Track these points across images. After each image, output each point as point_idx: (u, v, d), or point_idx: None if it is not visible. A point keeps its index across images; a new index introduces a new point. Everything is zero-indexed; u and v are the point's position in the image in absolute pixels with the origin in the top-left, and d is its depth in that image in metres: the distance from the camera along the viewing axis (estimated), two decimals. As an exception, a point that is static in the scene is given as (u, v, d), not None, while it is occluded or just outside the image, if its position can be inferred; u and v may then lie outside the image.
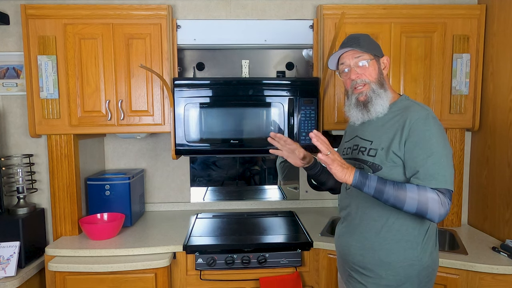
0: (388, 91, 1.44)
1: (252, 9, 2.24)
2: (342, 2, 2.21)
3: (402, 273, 1.35)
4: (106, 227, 2.03)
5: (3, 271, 1.82)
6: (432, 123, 1.31)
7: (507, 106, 1.98)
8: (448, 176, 1.28)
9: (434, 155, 1.28)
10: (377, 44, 1.48)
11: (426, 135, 1.29)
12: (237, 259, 1.92)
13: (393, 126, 1.37)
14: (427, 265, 1.36)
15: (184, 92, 2.06)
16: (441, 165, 1.27)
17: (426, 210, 1.25)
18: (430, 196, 1.24)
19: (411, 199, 1.25)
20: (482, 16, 2.11)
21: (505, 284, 1.72)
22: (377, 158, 1.37)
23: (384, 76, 1.46)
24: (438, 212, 1.25)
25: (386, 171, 1.35)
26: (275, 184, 2.67)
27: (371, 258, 1.39)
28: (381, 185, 1.27)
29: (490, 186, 2.11)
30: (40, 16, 2.00)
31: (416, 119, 1.32)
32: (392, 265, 1.35)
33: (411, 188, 1.26)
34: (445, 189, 1.27)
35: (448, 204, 1.26)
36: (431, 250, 1.38)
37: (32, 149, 2.22)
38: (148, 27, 2.05)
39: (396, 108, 1.42)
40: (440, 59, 2.13)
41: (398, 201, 1.26)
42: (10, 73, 2.18)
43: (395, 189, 1.26)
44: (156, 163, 2.55)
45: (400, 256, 1.35)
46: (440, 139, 1.30)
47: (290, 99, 2.08)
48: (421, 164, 1.29)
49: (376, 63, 1.44)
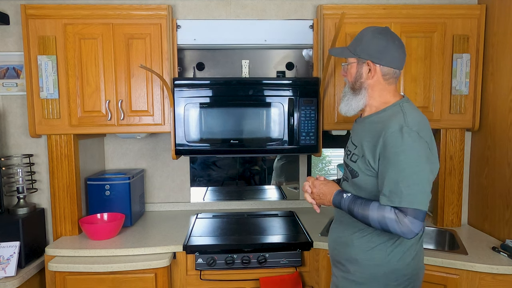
0: (360, 97, 1.41)
1: (252, 9, 2.24)
2: (342, 2, 2.21)
3: (368, 271, 1.38)
4: (106, 227, 2.03)
5: (3, 271, 1.82)
6: (406, 138, 1.25)
7: (507, 106, 1.98)
8: (415, 195, 1.23)
9: (400, 173, 1.24)
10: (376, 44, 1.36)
11: (396, 151, 1.25)
12: (237, 259, 1.92)
13: (374, 136, 1.34)
14: (395, 269, 1.35)
15: (184, 92, 2.06)
16: (406, 183, 1.23)
17: (388, 228, 1.26)
18: (386, 216, 1.25)
19: (372, 219, 1.28)
20: (482, 16, 2.11)
21: (505, 284, 1.72)
22: (356, 165, 1.40)
23: (366, 81, 1.40)
24: (399, 231, 1.24)
25: (362, 179, 1.38)
26: (275, 184, 2.67)
27: (343, 253, 1.45)
28: (351, 206, 1.35)
29: (490, 186, 2.11)
30: (40, 16, 2.00)
31: (390, 133, 1.27)
32: (360, 262, 1.39)
33: (373, 207, 1.28)
34: (408, 208, 1.23)
35: (411, 223, 1.22)
36: (403, 255, 1.36)
37: (32, 149, 2.21)
38: (148, 27, 2.05)
39: (383, 115, 1.38)
40: (440, 59, 2.12)
41: (365, 220, 1.31)
42: (10, 73, 2.18)
43: (361, 209, 1.31)
44: (156, 163, 2.55)
45: (368, 254, 1.38)
46: (412, 155, 1.24)
47: (290, 99, 2.08)
48: (387, 181, 1.27)
49: (357, 66, 1.41)
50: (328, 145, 2.36)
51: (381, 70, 1.38)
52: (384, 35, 1.37)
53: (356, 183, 1.41)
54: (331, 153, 2.78)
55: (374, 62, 1.37)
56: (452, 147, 2.22)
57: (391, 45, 1.36)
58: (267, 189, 2.67)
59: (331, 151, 2.76)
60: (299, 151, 2.13)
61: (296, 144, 2.10)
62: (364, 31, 1.41)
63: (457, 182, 2.24)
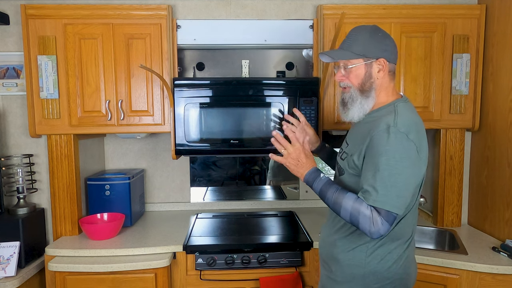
0: (371, 98, 1.37)
1: (252, 9, 2.24)
2: (342, 2, 2.21)
3: (348, 271, 1.37)
4: (106, 227, 2.03)
5: (3, 271, 1.82)
6: (391, 138, 1.22)
7: (507, 106, 1.98)
8: (390, 196, 1.21)
9: (379, 173, 1.22)
10: (380, 41, 1.35)
11: (379, 150, 1.23)
12: (237, 259, 1.92)
13: (364, 134, 1.32)
14: (375, 271, 1.33)
15: (184, 92, 2.06)
16: (383, 184, 1.21)
17: (357, 223, 1.24)
18: (362, 210, 1.22)
19: (345, 208, 1.26)
20: (482, 16, 2.11)
21: (505, 284, 1.72)
22: (343, 163, 1.40)
23: (379, 80, 1.36)
24: (368, 229, 1.22)
25: (346, 177, 1.38)
26: (270, 184, 2.67)
27: (327, 252, 1.46)
28: (325, 187, 1.32)
29: (490, 186, 2.11)
30: (40, 16, 2.00)
31: (377, 132, 1.26)
32: (340, 262, 1.39)
33: (350, 197, 1.26)
34: (382, 209, 1.21)
35: (382, 225, 1.20)
36: (383, 258, 1.33)
37: (32, 149, 2.21)
38: (148, 27, 2.05)
39: (378, 113, 1.36)
40: (440, 59, 2.13)
41: (335, 207, 1.29)
42: (10, 73, 2.18)
43: (336, 195, 1.29)
44: (156, 163, 2.55)
45: (348, 255, 1.37)
46: (393, 157, 1.21)
47: (290, 99, 2.08)
48: (365, 178, 1.26)
49: (365, 66, 1.35)
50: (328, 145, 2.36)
51: (389, 67, 1.36)
52: (380, 31, 1.36)
53: (341, 180, 1.41)
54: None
55: (386, 59, 1.34)
56: (452, 147, 2.22)
57: (389, 41, 1.36)
58: (267, 189, 2.67)
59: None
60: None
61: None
62: (356, 31, 1.37)
63: (457, 182, 2.24)
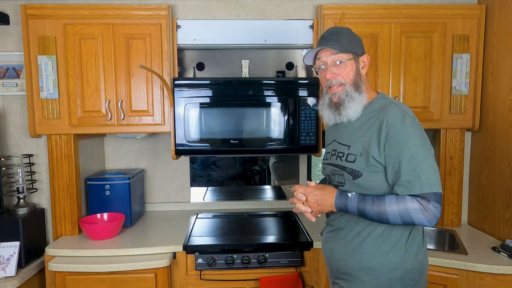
0: (364, 94, 1.37)
1: (252, 9, 2.24)
2: (342, 2, 2.21)
3: (384, 277, 1.30)
4: (106, 227, 2.03)
5: (3, 271, 1.82)
6: (409, 124, 1.26)
7: (507, 106, 1.98)
8: (432, 178, 1.22)
9: (413, 159, 1.22)
10: (359, 40, 1.41)
11: (404, 138, 1.24)
12: (237, 259, 1.92)
13: (370, 129, 1.31)
14: (411, 269, 1.30)
15: (184, 92, 2.06)
16: (422, 168, 1.22)
17: (411, 220, 1.22)
18: (410, 206, 1.21)
19: (392, 213, 1.23)
20: (482, 16, 2.11)
21: (505, 284, 1.72)
22: (356, 164, 1.33)
23: (362, 76, 1.39)
24: (425, 219, 1.21)
25: (366, 177, 1.31)
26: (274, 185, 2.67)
27: (353, 263, 1.35)
28: (361, 205, 1.27)
29: (490, 186, 2.11)
30: (40, 16, 2.00)
31: (393, 121, 1.26)
32: (374, 269, 1.31)
33: (390, 201, 1.23)
34: (430, 193, 1.21)
35: (435, 208, 1.21)
36: (416, 252, 1.32)
37: (32, 149, 2.21)
38: (148, 27, 2.05)
39: (372, 109, 1.36)
40: (440, 59, 2.12)
41: (382, 217, 1.25)
42: (10, 73, 2.18)
43: (375, 206, 1.25)
44: (156, 163, 2.55)
45: (383, 260, 1.30)
46: (419, 140, 1.25)
47: (290, 99, 2.08)
48: (401, 169, 1.24)
49: (355, 62, 1.37)
50: (328, 145, 2.37)
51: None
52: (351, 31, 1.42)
53: (359, 184, 1.33)
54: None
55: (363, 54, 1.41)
56: (452, 147, 2.22)
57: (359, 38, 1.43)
58: (267, 189, 2.67)
59: (331, 151, 2.76)
60: (299, 151, 2.14)
61: (296, 144, 2.10)
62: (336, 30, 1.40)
63: (457, 182, 2.24)
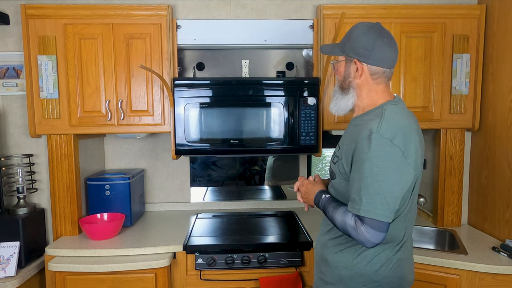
0: (348, 97, 1.36)
1: (252, 9, 2.24)
2: (342, 2, 2.21)
3: (335, 272, 1.37)
4: (106, 227, 2.03)
5: (3, 271, 1.82)
6: (374, 145, 1.19)
7: (507, 106, 1.98)
8: (374, 204, 1.18)
9: (363, 181, 1.21)
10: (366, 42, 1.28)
11: (362, 158, 1.21)
12: (237, 259, 1.92)
13: (352, 139, 1.29)
14: (362, 273, 1.31)
15: (184, 92, 2.06)
16: (367, 192, 1.19)
17: (349, 234, 1.25)
18: (347, 222, 1.24)
19: (337, 223, 1.29)
20: (482, 16, 2.11)
21: (505, 284, 1.72)
22: (335, 166, 1.39)
23: (354, 81, 1.34)
24: (357, 239, 1.22)
25: (338, 182, 1.38)
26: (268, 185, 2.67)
27: (319, 253, 1.46)
28: (326, 206, 1.36)
29: (490, 186, 2.11)
30: (40, 16, 2.00)
31: (361, 138, 1.23)
32: (329, 263, 1.39)
33: (340, 211, 1.28)
34: (367, 218, 1.19)
35: (368, 232, 1.19)
36: (370, 261, 1.31)
37: (32, 149, 2.21)
38: (148, 27, 2.05)
39: (366, 117, 1.32)
40: (440, 59, 2.12)
41: (333, 223, 1.32)
42: (10, 73, 2.18)
43: (331, 212, 1.32)
44: (156, 163, 2.55)
45: (336, 256, 1.37)
46: (376, 164, 1.19)
47: (290, 99, 2.08)
48: (352, 186, 1.25)
49: (346, 65, 1.35)
50: (328, 145, 2.36)
51: (369, 70, 1.30)
52: (373, 32, 1.28)
53: (333, 185, 1.41)
54: (331, 153, 2.77)
55: (361, 61, 1.30)
56: (452, 147, 2.22)
57: (379, 43, 1.27)
58: (267, 189, 2.67)
59: (331, 151, 2.74)
60: (299, 151, 2.14)
61: (296, 144, 2.10)
62: (354, 27, 1.33)
63: (457, 182, 2.24)
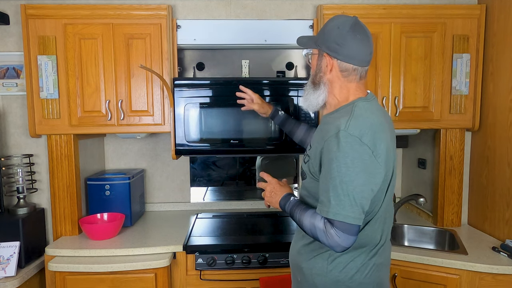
0: (319, 92, 1.30)
1: (252, 9, 2.24)
2: (342, 2, 2.21)
3: (310, 280, 1.30)
4: (106, 227, 2.03)
5: (3, 271, 1.82)
6: (341, 143, 1.13)
7: (507, 106, 1.98)
8: (343, 206, 1.12)
9: (331, 181, 1.14)
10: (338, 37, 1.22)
11: (330, 157, 1.15)
12: (237, 259, 1.92)
13: (321, 138, 1.23)
14: (337, 280, 1.25)
15: (184, 92, 2.06)
16: (335, 193, 1.13)
17: (318, 238, 1.18)
18: (317, 225, 1.17)
19: (306, 226, 1.21)
20: (482, 16, 2.11)
21: (505, 284, 1.72)
22: (306, 166, 1.32)
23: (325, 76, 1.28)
24: (327, 243, 1.15)
25: (308, 182, 1.32)
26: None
27: (293, 261, 1.39)
28: (293, 208, 1.28)
29: (490, 186, 2.11)
30: (40, 16, 2.00)
31: (328, 137, 1.17)
32: (304, 271, 1.32)
33: (308, 213, 1.22)
34: (336, 221, 1.13)
35: (338, 236, 1.13)
36: (345, 267, 1.25)
37: (32, 149, 2.21)
38: (148, 27, 2.05)
39: (336, 114, 1.26)
40: (440, 59, 2.12)
41: (301, 226, 1.25)
42: (10, 73, 2.18)
43: (299, 215, 1.24)
44: (156, 163, 2.55)
45: (310, 263, 1.30)
46: (344, 163, 1.12)
47: (290, 99, 2.08)
48: (320, 187, 1.19)
49: (318, 59, 1.28)
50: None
51: (339, 66, 1.24)
52: (346, 26, 1.21)
53: (305, 185, 1.34)
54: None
55: (330, 55, 1.24)
56: (452, 147, 2.22)
57: (350, 38, 1.21)
58: (267, 189, 2.67)
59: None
60: (298, 151, 2.14)
61: (296, 144, 2.10)
62: (330, 19, 1.27)
63: (457, 182, 2.24)
